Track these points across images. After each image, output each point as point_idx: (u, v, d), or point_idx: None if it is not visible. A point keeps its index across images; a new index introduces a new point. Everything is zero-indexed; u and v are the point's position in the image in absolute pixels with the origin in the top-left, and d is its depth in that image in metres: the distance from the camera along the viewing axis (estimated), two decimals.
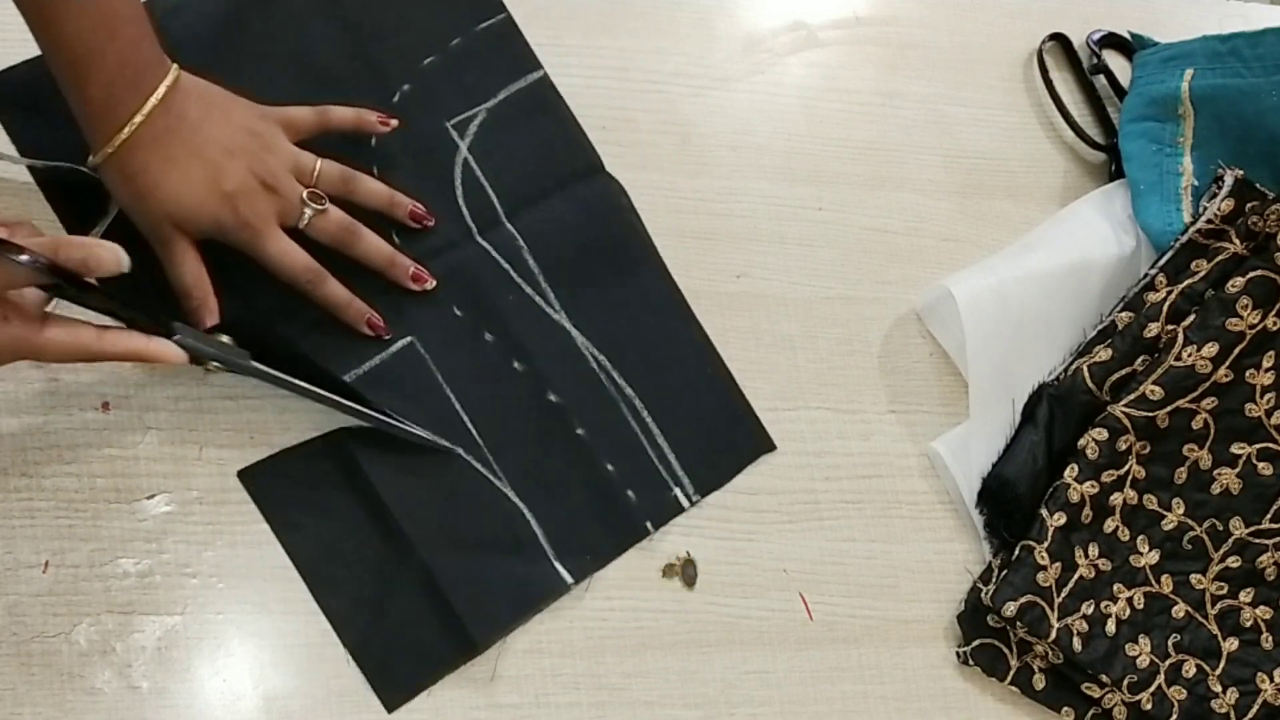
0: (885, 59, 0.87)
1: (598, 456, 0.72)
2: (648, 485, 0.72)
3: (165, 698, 0.63)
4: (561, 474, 0.71)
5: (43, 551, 0.64)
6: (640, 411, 0.74)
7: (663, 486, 0.73)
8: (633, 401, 0.74)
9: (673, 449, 0.73)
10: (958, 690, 0.74)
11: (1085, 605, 0.74)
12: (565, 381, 0.73)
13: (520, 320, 0.73)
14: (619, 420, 0.73)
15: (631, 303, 0.76)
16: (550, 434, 0.72)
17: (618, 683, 0.69)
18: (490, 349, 0.72)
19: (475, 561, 0.68)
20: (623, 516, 0.71)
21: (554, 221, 0.75)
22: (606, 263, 0.76)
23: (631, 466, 0.72)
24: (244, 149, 0.66)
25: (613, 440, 0.73)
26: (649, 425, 0.74)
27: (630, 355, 0.74)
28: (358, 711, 0.65)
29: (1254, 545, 0.79)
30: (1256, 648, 0.78)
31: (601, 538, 0.71)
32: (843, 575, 0.75)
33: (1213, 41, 0.84)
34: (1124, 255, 0.82)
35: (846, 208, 0.82)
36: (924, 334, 0.81)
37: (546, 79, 0.77)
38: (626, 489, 0.72)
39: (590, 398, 0.73)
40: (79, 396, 0.66)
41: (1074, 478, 0.75)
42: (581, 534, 0.70)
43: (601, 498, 0.71)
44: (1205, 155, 0.83)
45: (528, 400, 0.72)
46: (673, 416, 0.74)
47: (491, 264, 0.73)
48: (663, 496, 0.72)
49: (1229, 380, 0.77)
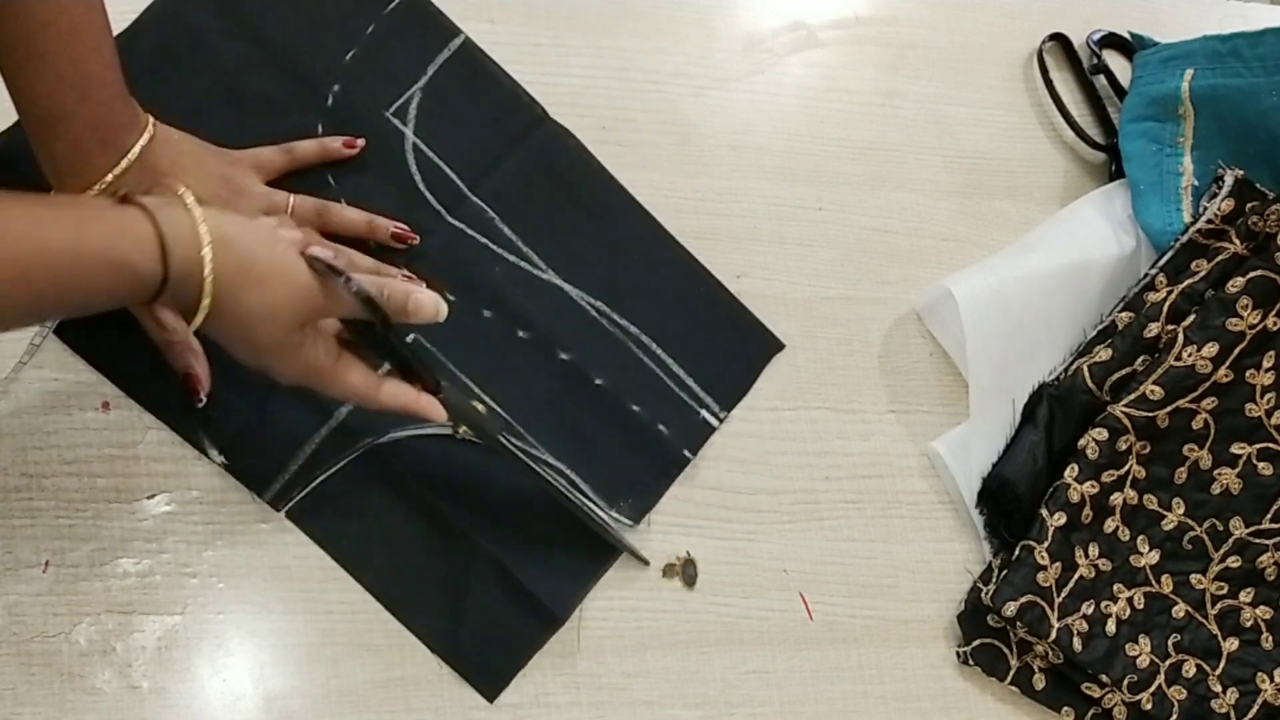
0: (885, 59, 0.87)
1: (622, 401, 0.74)
2: (676, 415, 0.74)
3: (165, 698, 0.63)
4: (592, 427, 0.73)
5: (43, 551, 0.64)
6: (649, 345, 0.75)
7: (690, 412, 0.75)
8: (639, 338, 0.75)
9: (689, 374, 0.75)
10: (958, 690, 0.74)
11: (1085, 605, 0.74)
12: (572, 337, 0.74)
13: (512, 289, 0.74)
14: (632, 360, 0.75)
15: (611, 241, 0.77)
16: (571, 391, 0.73)
17: (618, 683, 0.69)
18: (491, 325, 0.73)
19: (536, 537, 0.70)
20: (660, 451, 0.73)
21: (516, 182, 0.76)
22: (576, 209, 0.77)
23: (656, 402, 0.74)
24: (217, 196, 0.66)
25: (632, 382, 0.74)
26: (661, 357, 0.75)
27: (625, 294, 0.76)
28: (357, 711, 0.65)
29: (1254, 545, 0.79)
30: (1256, 648, 0.78)
31: (646, 476, 0.73)
32: (843, 575, 0.75)
33: (1213, 41, 0.84)
34: (1124, 255, 0.82)
35: (846, 208, 0.82)
36: (924, 334, 0.81)
37: (469, 42, 0.77)
38: (657, 424, 0.74)
39: (599, 346, 0.74)
40: (79, 396, 0.66)
41: (1074, 478, 0.75)
42: (627, 478, 0.72)
43: (636, 439, 0.73)
44: (1205, 155, 0.83)
45: (541, 364, 0.73)
46: (680, 342, 0.76)
47: (469, 241, 0.74)
48: (692, 421, 0.74)
49: (1229, 380, 0.77)
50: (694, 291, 0.77)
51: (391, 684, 0.66)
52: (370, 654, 0.66)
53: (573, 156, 0.77)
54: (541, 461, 0.70)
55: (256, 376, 0.61)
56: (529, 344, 0.73)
